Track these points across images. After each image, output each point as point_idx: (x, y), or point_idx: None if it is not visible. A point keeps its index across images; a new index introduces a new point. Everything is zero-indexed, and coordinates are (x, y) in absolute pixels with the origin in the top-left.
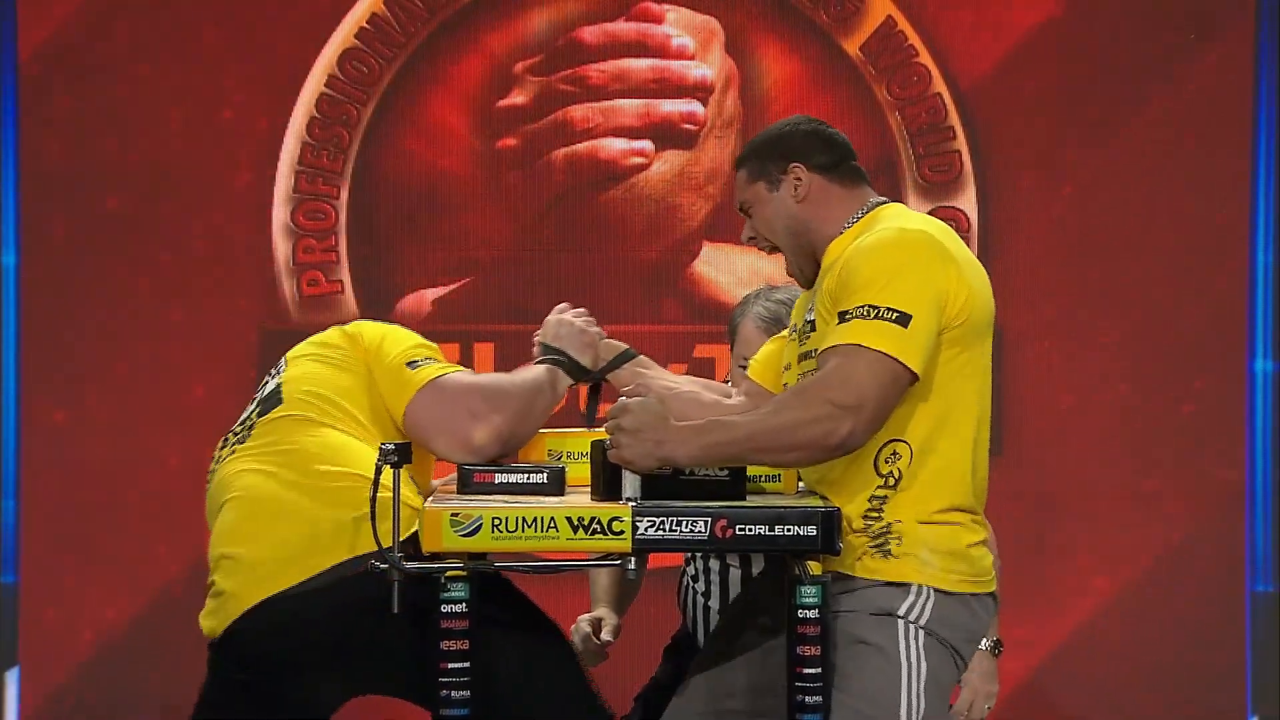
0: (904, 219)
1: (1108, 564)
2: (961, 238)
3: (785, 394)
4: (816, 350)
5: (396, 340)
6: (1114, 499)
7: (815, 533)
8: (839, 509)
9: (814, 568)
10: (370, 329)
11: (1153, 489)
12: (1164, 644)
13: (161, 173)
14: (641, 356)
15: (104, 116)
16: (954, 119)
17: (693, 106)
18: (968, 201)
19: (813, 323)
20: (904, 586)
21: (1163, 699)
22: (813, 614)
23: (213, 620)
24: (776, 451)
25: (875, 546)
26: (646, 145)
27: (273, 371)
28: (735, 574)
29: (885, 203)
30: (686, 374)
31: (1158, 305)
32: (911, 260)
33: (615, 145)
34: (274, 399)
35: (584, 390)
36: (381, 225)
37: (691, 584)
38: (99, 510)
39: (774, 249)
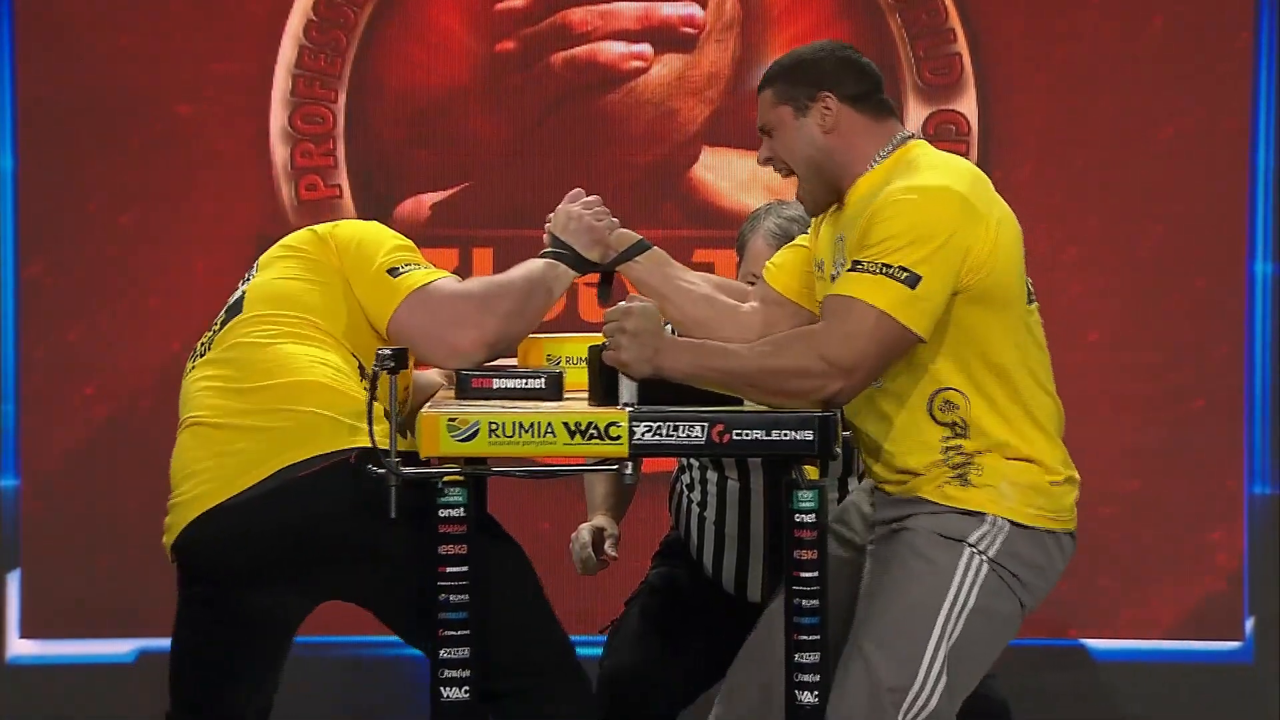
0: (930, 170)
1: (1105, 468)
2: (961, 141)
3: (787, 336)
4: None
5: (374, 245)
6: (1111, 402)
7: (812, 437)
8: (836, 414)
9: (810, 472)
10: (344, 232)
11: (1150, 391)
12: (1162, 547)
13: (156, 75)
14: (656, 249)
15: (98, 23)
16: (954, 21)
17: (692, 9)
18: (968, 105)
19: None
20: (979, 516)
21: (1161, 602)
22: (810, 518)
23: (167, 536)
24: (764, 392)
25: (956, 476)
26: (645, 49)
27: (244, 279)
28: (733, 486)
29: (912, 138)
30: None
31: (1157, 207)
32: (931, 220)
33: (614, 49)
34: (236, 309)
35: (595, 278)
36: (380, 129)
37: (687, 493)
38: (100, 411)
39: (790, 173)
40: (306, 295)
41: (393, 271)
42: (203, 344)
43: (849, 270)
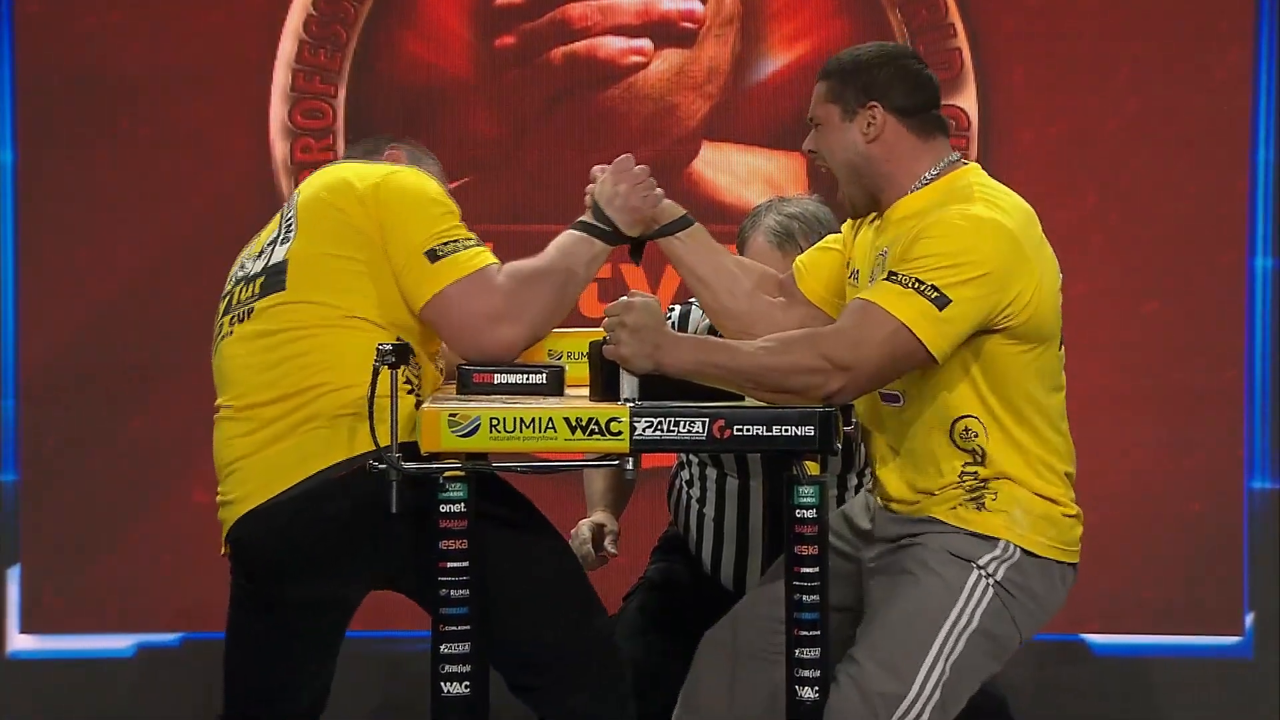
0: (987, 202)
1: (1105, 462)
2: (962, 136)
3: (792, 335)
4: None
5: (414, 222)
6: (1111, 397)
7: (813, 433)
8: (837, 410)
9: (811, 468)
10: (389, 197)
11: (1150, 386)
12: (1162, 542)
13: (156, 70)
14: (698, 226)
15: (98, 15)
16: (954, 16)
17: (691, 4)
18: (968, 100)
19: None
20: (991, 540)
21: (1160, 597)
22: (810, 514)
23: (222, 531)
24: (765, 389)
25: (971, 499)
26: (645, 44)
27: (282, 225)
28: (732, 483)
29: (960, 162)
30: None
31: (1158, 202)
32: (977, 252)
33: (613, 44)
34: (278, 279)
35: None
36: (379, 124)
37: (686, 488)
38: (99, 406)
39: (829, 170)
40: (349, 278)
41: (431, 255)
42: (240, 302)
43: (884, 279)
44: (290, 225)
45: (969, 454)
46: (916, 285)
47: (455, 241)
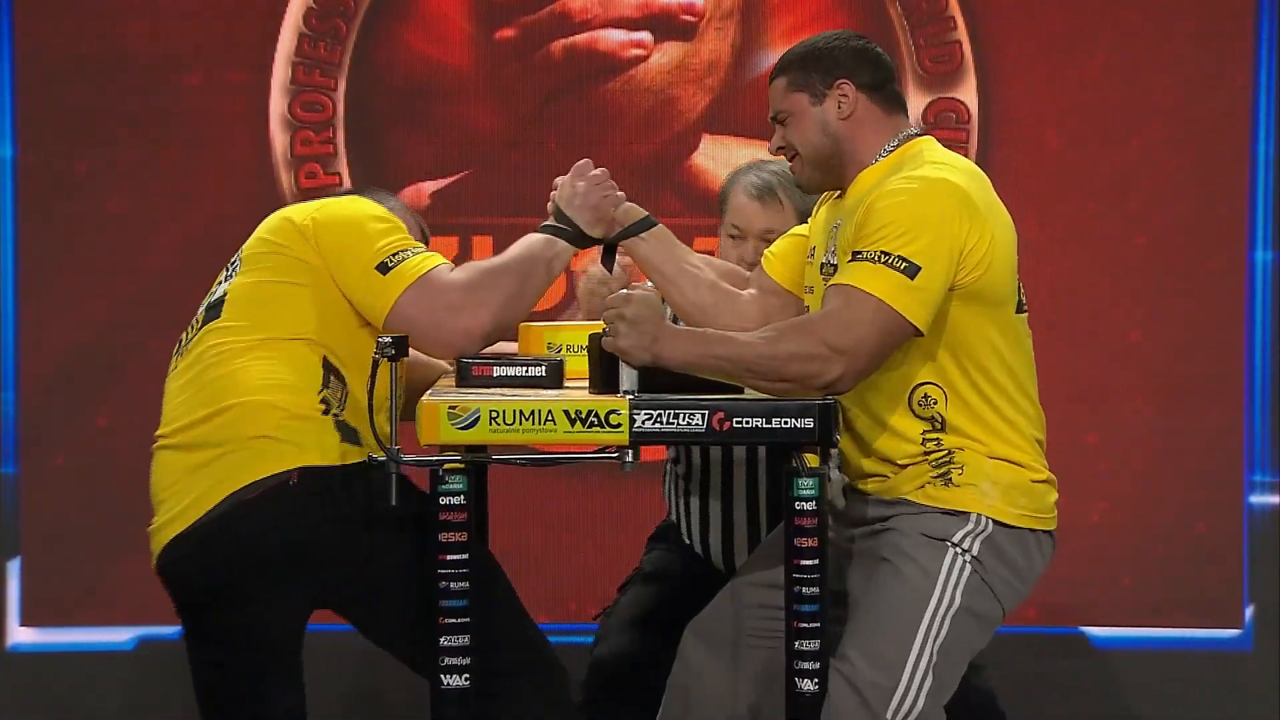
0: (932, 164)
1: (1105, 455)
2: (962, 129)
3: (787, 324)
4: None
5: (357, 245)
6: (1111, 389)
7: (813, 425)
8: (836, 402)
9: (811, 460)
10: (325, 229)
11: (1149, 379)
12: (1162, 534)
13: (156, 66)
14: (661, 227)
15: (98, 9)
16: (954, 9)
17: None
18: (968, 93)
19: (836, 266)
20: (963, 515)
21: (1160, 590)
22: (810, 506)
23: (152, 561)
24: (765, 379)
25: (938, 475)
26: (645, 37)
27: (228, 269)
28: (717, 468)
29: (918, 134)
30: None
31: (1157, 196)
32: (931, 211)
33: (614, 37)
34: (215, 312)
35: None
36: (380, 117)
37: (682, 481)
38: (98, 400)
39: (795, 156)
40: (284, 301)
41: (382, 268)
42: (184, 338)
43: (850, 261)
44: (235, 266)
45: (927, 422)
46: (884, 259)
47: (402, 251)
